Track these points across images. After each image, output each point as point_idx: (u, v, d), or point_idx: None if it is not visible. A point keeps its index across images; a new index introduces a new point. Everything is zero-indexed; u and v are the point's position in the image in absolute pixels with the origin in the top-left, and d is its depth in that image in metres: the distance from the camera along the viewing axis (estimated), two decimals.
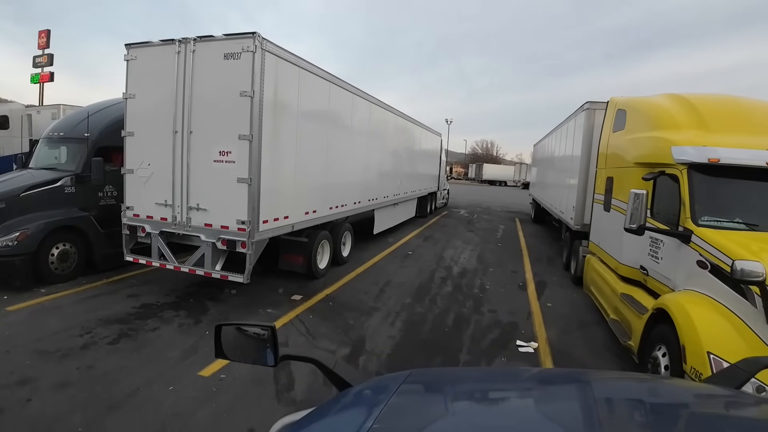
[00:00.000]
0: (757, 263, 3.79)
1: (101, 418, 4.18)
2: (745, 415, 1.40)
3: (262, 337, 1.81)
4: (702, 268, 4.65)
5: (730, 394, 1.56)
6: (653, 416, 1.35)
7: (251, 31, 6.43)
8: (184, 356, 5.50)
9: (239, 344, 1.85)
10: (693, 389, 1.73)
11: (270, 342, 1.78)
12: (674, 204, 5.25)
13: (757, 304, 3.91)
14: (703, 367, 3.87)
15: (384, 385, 1.51)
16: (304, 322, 6.83)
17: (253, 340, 1.83)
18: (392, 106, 13.57)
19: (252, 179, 6.62)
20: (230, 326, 1.86)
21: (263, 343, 1.80)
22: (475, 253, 13.02)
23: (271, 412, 4.36)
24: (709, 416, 1.40)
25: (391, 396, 1.34)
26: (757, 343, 3.87)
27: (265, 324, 1.80)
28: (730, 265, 4.01)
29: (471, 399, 1.56)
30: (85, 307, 6.93)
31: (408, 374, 1.59)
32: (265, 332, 1.80)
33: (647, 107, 6.77)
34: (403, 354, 5.92)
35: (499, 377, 1.95)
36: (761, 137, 5.31)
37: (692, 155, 5.12)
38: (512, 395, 1.61)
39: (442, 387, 1.66)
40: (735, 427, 1.32)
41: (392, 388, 1.41)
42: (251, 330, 1.84)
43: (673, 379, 1.99)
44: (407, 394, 1.41)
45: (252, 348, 1.83)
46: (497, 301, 8.40)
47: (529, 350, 6.19)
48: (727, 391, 1.59)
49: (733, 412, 1.43)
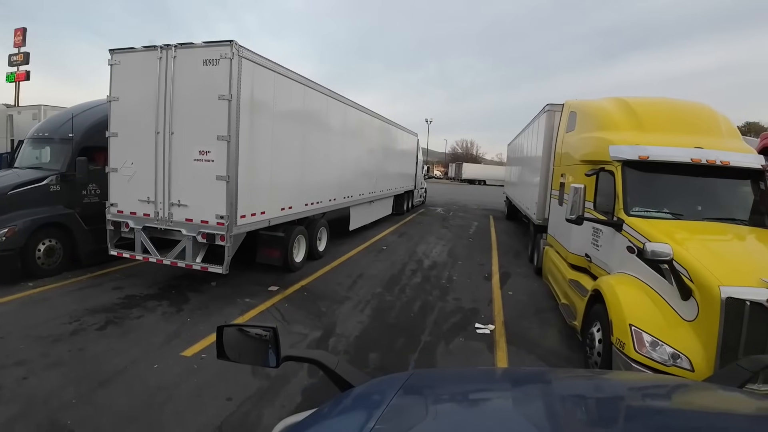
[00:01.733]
0: (665, 245, 4.41)
1: (93, 391, 4.64)
2: (747, 414, 1.40)
3: (264, 338, 1.82)
4: (630, 252, 5.28)
5: (732, 393, 1.56)
6: (656, 415, 1.36)
7: (229, 40, 6.92)
8: (167, 340, 5.98)
9: (241, 345, 1.87)
10: (695, 388, 1.72)
11: (272, 343, 1.80)
12: (611, 197, 5.88)
13: (672, 281, 4.54)
14: (626, 337, 4.48)
15: (385, 386, 1.52)
16: (280, 309, 7.34)
17: (255, 341, 1.84)
18: (368, 107, 14.14)
19: (230, 177, 7.11)
20: (232, 327, 1.88)
21: (265, 344, 1.82)
22: (446, 248, 13.62)
23: (247, 386, 4.87)
24: (711, 415, 1.40)
25: (393, 397, 1.35)
26: (673, 316, 4.50)
27: (267, 325, 1.82)
28: (642, 247, 4.64)
29: (473, 400, 1.56)
30: (72, 298, 7.35)
31: (410, 375, 1.61)
32: (267, 333, 1.81)
33: (593, 110, 7.43)
34: (369, 335, 6.47)
35: (501, 378, 1.96)
36: (689, 136, 5.98)
37: (625, 153, 5.76)
38: (515, 396, 1.61)
39: (444, 388, 1.68)
40: (738, 426, 1.32)
41: (394, 389, 1.42)
42: (253, 331, 1.86)
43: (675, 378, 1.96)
44: (409, 394, 1.44)
45: (254, 349, 1.84)
46: (462, 290, 9.00)
47: (486, 332, 6.78)
48: (729, 390, 1.59)
49: (736, 410, 1.43)
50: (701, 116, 6.60)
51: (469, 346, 6.27)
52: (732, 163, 5.53)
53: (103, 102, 8.73)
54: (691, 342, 4.20)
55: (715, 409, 1.46)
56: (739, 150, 5.85)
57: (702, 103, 6.97)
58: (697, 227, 5.24)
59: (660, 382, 1.94)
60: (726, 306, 4.01)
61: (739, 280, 4.10)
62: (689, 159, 5.51)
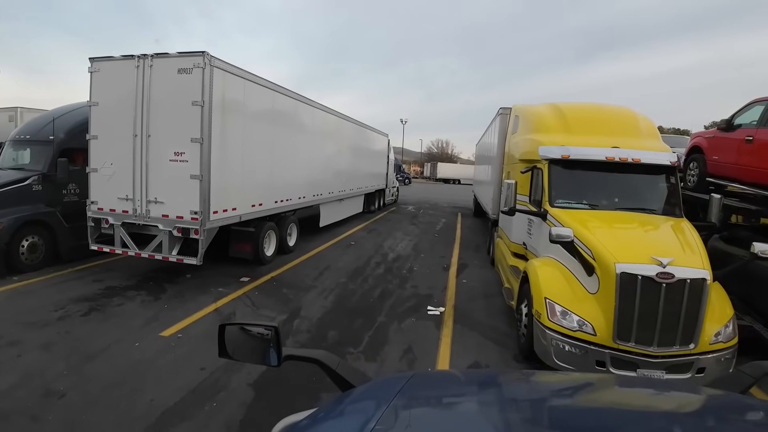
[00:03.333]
0: (568, 229, 5.26)
1: (81, 364, 5.28)
2: (750, 419, 1.40)
3: (265, 337, 1.82)
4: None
5: (735, 399, 1.57)
6: (658, 420, 1.36)
7: (201, 51, 7.57)
8: (146, 323, 6.62)
9: (242, 344, 1.87)
10: (698, 393, 1.73)
11: (273, 342, 1.80)
12: (540, 191, 6.72)
13: (578, 260, 5.38)
14: (542, 309, 5.31)
15: (386, 387, 1.53)
16: (250, 297, 8.01)
17: (257, 340, 1.85)
18: (337, 110, 14.88)
19: (203, 176, 7.77)
20: (234, 326, 1.89)
21: (266, 343, 1.82)
22: (412, 242, 14.40)
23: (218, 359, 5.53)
24: (714, 420, 1.41)
25: (394, 398, 1.35)
26: (581, 290, 5.34)
27: (269, 324, 1.83)
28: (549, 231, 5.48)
29: (473, 402, 1.57)
30: (56, 290, 7.90)
31: (411, 376, 1.61)
32: (269, 332, 1.81)
33: (531, 114, 8.28)
34: (331, 317, 7.20)
35: (502, 380, 1.96)
36: (609, 137, 6.84)
37: (551, 153, 6.61)
38: (515, 398, 1.61)
39: (445, 389, 1.68)
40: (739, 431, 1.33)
41: (394, 390, 1.42)
42: (255, 330, 1.87)
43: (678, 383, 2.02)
44: (409, 396, 1.44)
45: (255, 348, 1.85)
46: (420, 279, 9.79)
47: (436, 313, 7.57)
48: (732, 396, 1.60)
49: (738, 415, 1.44)
50: (622, 119, 7.49)
51: (419, 325, 7.05)
52: (643, 160, 6.40)
53: (81, 105, 9.31)
54: (594, 311, 5.04)
55: (717, 414, 1.47)
56: (653, 149, 6.73)
57: (624, 107, 7.88)
58: (609, 216, 6.09)
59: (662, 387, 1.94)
60: (621, 280, 4.85)
61: (633, 258, 4.94)
62: (604, 157, 6.37)
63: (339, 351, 5.96)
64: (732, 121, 8.36)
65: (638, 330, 4.78)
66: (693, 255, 5.08)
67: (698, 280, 4.77)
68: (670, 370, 4.80)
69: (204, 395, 4.76)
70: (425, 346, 6.26)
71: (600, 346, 4.87)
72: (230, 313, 7.18)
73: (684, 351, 4.80)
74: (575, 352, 4.94)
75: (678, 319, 4.75)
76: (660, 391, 1.73)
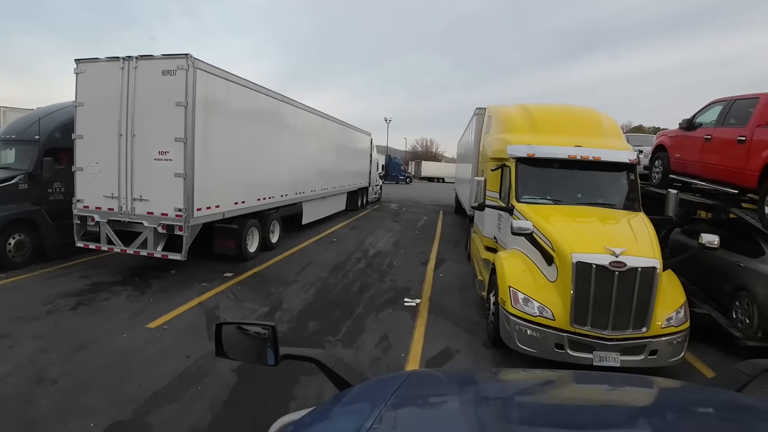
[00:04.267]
0: (527, 222, 5.67)
1: (71, 354, 5.55)
2: (746, 418, 1.41)
3: (262, 337, 1.82)
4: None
5: (732, 397, 1.58)
6: (655, 418, 1.38)
7: (184, 53, 7.84)
8: (133, 316, 6.88)
9: (240, 343, 1.86)
10: (695, 391, 1.75)
11: (270, 341, 1.80)
12: (508, 187, 7.11)
13: (539, 251, 5.78)
14: (506, 296, 5.69)
15: (384, 386, 1.53)
16: (234, 291, 8.30)
17: (254, 339, 1.84)
18: (319, 109, 15.20)
19: (187, 174, 8.04)
20: (231, 325, 1.88)
21: (264, 342, 1.81)
22: (393, 239, 14.77)
23: (203, 347, 5.83)
24: (710, 418, 1.42)
25: (391, 396, 1.36)
26: (542, 279, 5.74)
27: (266, 323, 1.82)
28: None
29: (471, 400, 1.57)
30: (44, 286, 8.11)
31: (408, 375, 1.63)
32: (266, 331, 1.81)
33: (502, 115, 8.69)
34: (311, 309, 7.53)
35: (500, 378, 1.97)
36: (573, 136, 7.24)
37: (518, 151, 7.00)
38: (513, 396, 1.63)
39: (441, 388, 1.69)
40: (736, 429, 1.33)
41: (392, 389, 1.43)
42: (252, 329, 1.86)
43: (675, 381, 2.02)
44: (407, 394, 1.44)
45: (253, 347, 1.84)
46: (399, 273, 10.16)
47: (412, 304, 7.94)
48: (729, 394, 1.60)
49: (735, 414, 1.44)
50: (586, 119, 7.93)
51: (396, 315, 7.42)
52: (603, 158, 6.83)
53: (66, 105, 9.51)
54: (554, 298, 5.44)
55: (714, 412, 1.47)
56: (614, 147, 7.16)
57: (589, 108, 8.32)
58: (570, 210, 6.50)
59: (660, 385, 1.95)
60: (576, 269, 5.25)
61: (588, 249, 5.34)
62: (567, 155, 6.78)
63: (318, 340, 6.30)
64: (693, 120, 8.85)
65: (594, 315, 5.18)
66: (645, 246, 5.50)
67: (649, 269, 5.19)
68: (624, 352, 5.22)
69: (190, 380, 5.06)
70: (400, 334, 6.62)
71: (559, 330, 5.27)
72: (214, 306, 7.47)
73: (637, 334, 5.22)
74: (536, 336, 5.33)
75: (630, 305, 5.16)
76: (657, 389, 1.78)
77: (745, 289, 6.68)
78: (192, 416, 4.39)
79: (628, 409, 1.50)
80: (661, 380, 1.97)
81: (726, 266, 7.08)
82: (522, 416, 1.38)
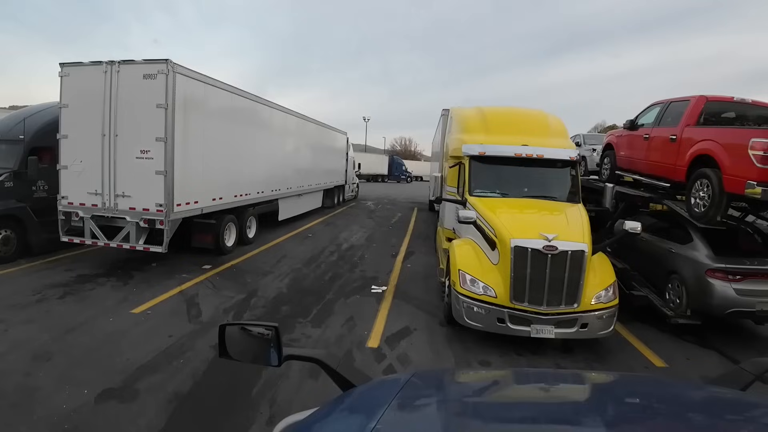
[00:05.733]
0: (471, 212, 6.40)
1: (63, 335, 6.09)
2: (750, 416, 1.41)
3: (266, 337, 1.83)
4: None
5: (735, 395, 1.58)
6: (658, 417, 1.38)
7: (165, 58, 8.40)
8: (118, 303, 7.43)
9: (243, 344, 1.87)
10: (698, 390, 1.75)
11: (274, 342, 1.81)
12: (463, 183, 7.82)
13: (485, 238, 6.51)
14: (456, 278, 6.40)
15: (387, 386, 1.55)
16: (212, 281, 8.88)
17: (257, 339, 1.85)
18: (295, 109, 15.85)
19: (167, 172, 8.60)
20: (234, 326, 1.89)
21: (267, 343, 1.82)
22: (366, 234, 15.43)
23: (184, 329, 6.45)
24: (714, 417, 1.42)
25: (395, 397, 1.36)
26: (487, 262, 6.46)
27: (269, 324, 1.83)
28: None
29: (474, 400, 1.58)
30: (31, 278, 8.58)
31: (411, 375, 1.63)
32: (270, 332, 1.82)
33: (460, 116, 9.44)
34: (284, 296, 8.17)
35: (502, 379, 1.97)
36: (521, 136, 7.99)
37: (471, 150, 7.72)
38: (515, 396, 1.64)
39: (445, 388, 1.71)
40: (740, 428, 1.33)
41: (395, 389, 1.43)
42: (255, 330, 1.87)
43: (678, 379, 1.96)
44: (410, 395, 1.45)
45: (256, 348, 1.85)
46: (369, 264, 10.83)
47: (379, 291, 8.62)
48: (732, 392, 1.60)
49: (739, 413, 1.44)
50: (534, 120, 8.72)
51: (363, 300, 8.09)
52: (546, 156, 7.59)
53: (50, 105, 9.96)
54: (496, 278, 6.16)
55: (718, 411, 1.47)
56: (558, 146, 7.93)
57: (538, 110, 9.11)
58: (514, 202, 7.24)
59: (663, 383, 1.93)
60: (514, 252, 5.97)
61: (525, 235, 6.07)
62: (513, 153, 7.52)
63: (289, 322, 6.94)
64: (636, 121, 9.67)
65: (530, 292, 5.92)
66: (576, 232, 6.25)
67: (578, 252, 5.93)
68: (558, 325, 5.96)
69: (173, 355, 5.66)
70: (365, 316, 7.29)
71: (500, 307, 5.99)
72: (194, 294, 8.03)
73: (569, 309, 5.96)
74: (481, 312, 6.05)
75: (562, 284, 5.91)
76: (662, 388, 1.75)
77: (675, 272, 7.47)
78: (175, 383, 4.99)
79: (634, 407, 1.50)
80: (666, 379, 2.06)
81: (661, 253, 7.89)
82: (525, 416, 1.39)
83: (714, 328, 7.26)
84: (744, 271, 6.70)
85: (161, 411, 4.46)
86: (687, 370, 6.08)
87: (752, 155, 6.07)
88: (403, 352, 6.07)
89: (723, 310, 6.68)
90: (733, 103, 7.89)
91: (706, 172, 6.92)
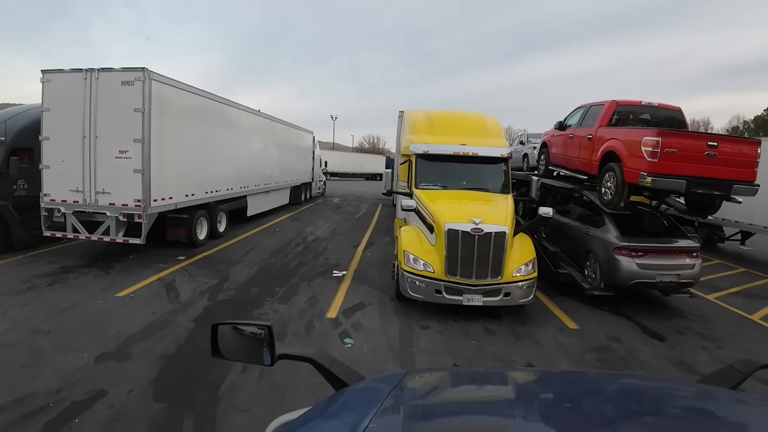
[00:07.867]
0: (412, 201, 7.54)
1: (57, 315, 6.92)
2: (740, 415, 1.42)
3: (258, 337, 1.83)
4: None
5: (725, 394, 1.59)
6: (649, 416, 1.38)
7: (142, 66, 9.25)
8: (103, 288, 8.26)
9: (235, 343, 1.87)
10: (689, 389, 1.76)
11: (266, 341, 1.80)
12: (411, 177, 8.93)
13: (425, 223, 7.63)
14: (402, 258, 7.48)
15: (380, 385, 1.56)
16: (187, 270, 9.77)
17: (250, 339, 1.85)
18: (262, 110, 16.73)
19: (144, 170, 9.45)
20: (226, 326, 1.88)
21: (259, 342, 1.82)
22: (331, 228, 16.46)
23: (166, 307, 7.36)
24: (705, 416, 1.43)
25: (388, 395, 1.37)
26: (427, 244, 7.56)
27: (262, 323, 1.83)
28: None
29: (467, 399, 1.61)
30: (17, 270, 9.28)
31: (404, 374, 1.65)
32: (262, 331, 1.81)
33: (411, 118, 10.57)
34: (254, 281, 9.13)
35: (496, 377, 1.99)
36: (461, 137, 9.13)
37: (417, 149, 8.84)
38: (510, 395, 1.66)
39: (439, 386, 1.74)
40: (731, 426, 1.35)
41: (388, 388, 1.45)
42: (248, 329, 1.87)
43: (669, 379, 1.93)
44: (403, 393, 1.47)
45: (248, 347, 1.85)
46: (332, 254, 11.87)
47: (339, 275, 9.66)
48: (722, 391, 1.62)
49: (729, 411, 1.45)
50: (473, 122, 9.90)
51: (324, 283, 9.11)
52: (480, 154, 8.75)
53: (31, 107, 10.66)
54: (434, 257, 7.27)
55: (708, 410, 1.49)
56: (493, 145, 9.10)
57: (478, 113, 10.32)
58: (452, 193, 8.39)
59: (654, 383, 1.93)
60: (448, 234, 7.09)
61: (457, 219, 7.20)
62: (452, 152, 8.67)
63: (258, 301, 7.92)
64: (564, 122, 10.94)
65: (461, 268, 7.05)
66: (500, 217, 7.42)
67: (500, 233, 7.09)
68: (486, 294, 7.11)
69: (157, 327, 6.58)
70: (325, 295, 8.32)
71: (437, 280, 7.11)
72: (172, 280, 8.90)
73: (494, 281, 7.11)
74: (422, 286, 7.16)
75: (488, 260, 7.05)
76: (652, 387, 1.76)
77: (591, 251, 8.73)
78: (162, 347, 5.94)
79: (621, 407, 1.49)
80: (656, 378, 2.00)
81: (582, 235, 9.15)
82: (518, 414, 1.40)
83: (628, 300, 8.56)
84: (645, 249, 7.98)
85: (152, 367, 5.41)
86: (595, 331, 7.28)
87: (644, 151, 7.34)
88: (357, 321, 7.14)
89: (628, 281, 7.94)
90: (641, 107, 9.20)
91: (612, 166, 8.19)
